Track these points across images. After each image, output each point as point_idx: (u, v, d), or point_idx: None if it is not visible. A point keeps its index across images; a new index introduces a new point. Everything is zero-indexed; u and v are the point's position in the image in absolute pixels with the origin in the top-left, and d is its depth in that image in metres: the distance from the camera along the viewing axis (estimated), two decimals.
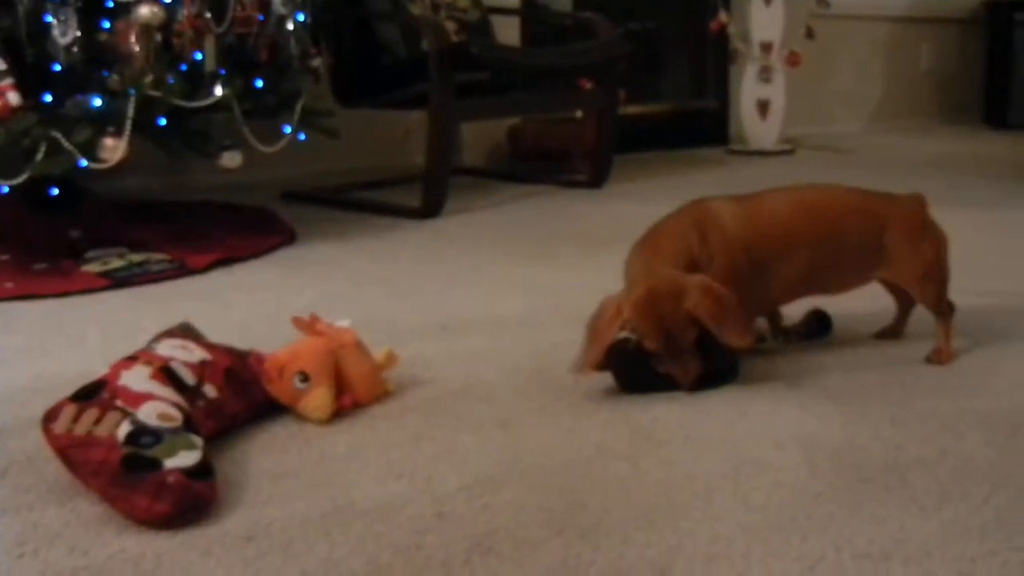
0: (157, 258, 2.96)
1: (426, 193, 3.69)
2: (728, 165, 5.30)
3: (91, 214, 3.31)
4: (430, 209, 3.69)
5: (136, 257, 2.97)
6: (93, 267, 2.87)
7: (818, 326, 2.20)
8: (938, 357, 2.06)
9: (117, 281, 2.77)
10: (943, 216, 2.10)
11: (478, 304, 2.56)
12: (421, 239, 3.39)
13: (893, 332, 2.22)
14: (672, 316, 1.82)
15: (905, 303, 2.19)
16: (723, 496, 1.51)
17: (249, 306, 2.58)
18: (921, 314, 2.15)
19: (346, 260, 3.09)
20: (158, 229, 3.30)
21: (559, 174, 4.65)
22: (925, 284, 2.06)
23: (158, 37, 2.75)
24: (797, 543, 1.37)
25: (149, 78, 2.71)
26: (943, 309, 2.07)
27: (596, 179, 4.38)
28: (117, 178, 3.48)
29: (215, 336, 1.95)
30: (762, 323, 2.15)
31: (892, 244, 2.02)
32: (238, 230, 3.39)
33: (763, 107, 5.63)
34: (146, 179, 4.17)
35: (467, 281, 2.81)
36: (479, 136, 5.10)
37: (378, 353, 1.93)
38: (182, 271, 2.89)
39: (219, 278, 2.88)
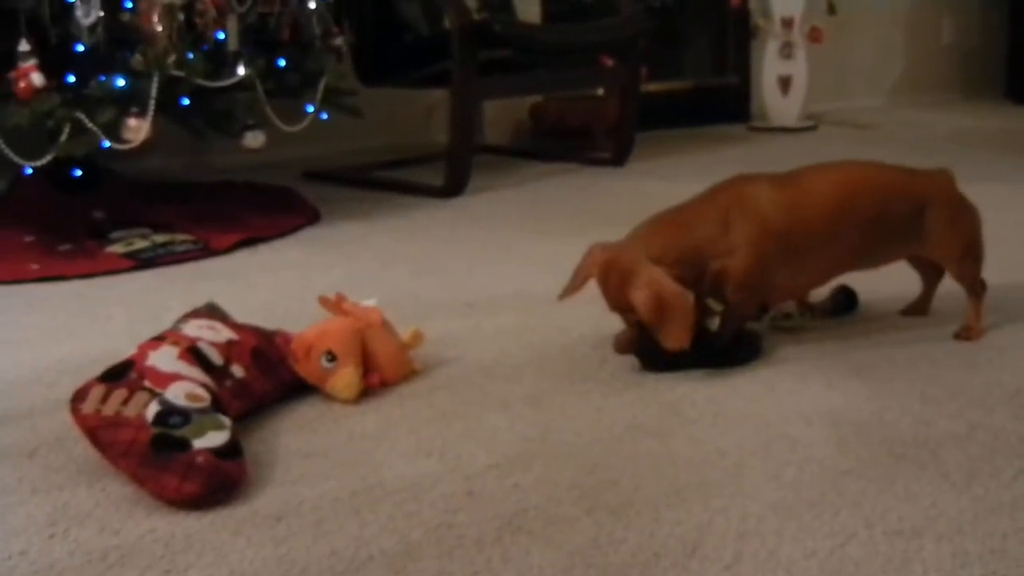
0: (181, 239, 2.97)
1: (449, 172, 3.68)
2: (750, 142, 5.27)
3: (115, 195, 3.32)
4: (454, 188, 3.69)
5: (160, 238, 2.97)
6: (117, 248, 2.88)
7: (845, 302, 2.18)
8: (967, 334, 2.05)
9: (142, 262, 2.78)
10: (968, 192, 2.08)
11: (505, 282, 2.56)
12: (446, 217, 3.39)
13: (919, 308, 2.20)
14: (615, 295, 1.84)
15: (931, 279, 2.17)
16: (753, 473, 1.50)
17: (274, 286, 2.59)
18: (944, 291, 2.14)
19: (371, 239, 3.09)
20: (181, 210, 3.30)
21: (582, 152, 4.63)
22: (963, 261, 2.05)
23: (181, 17, 2.75)
24: (829, 519, 1.36)
25: (172, 58, 2.71)
26: (977, 287, 2.06)
27: (619, 156, 4.36)
28: (140, 159, 3.49)
29: (241, 316, 1.95)
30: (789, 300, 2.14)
31: (931, 221, 2.00)
32: (261, 210, 3.39)
33: (785, 83, 5.59)
34: (169, 159, 4.18)
35: (493, 259, 2.81)
36: (501, 114, 5.08)
37: (405, 332, 1.92)
38: (206, 252, 2.90)
39: (244, 258, 2.88)
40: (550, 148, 4.82)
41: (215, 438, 1.51)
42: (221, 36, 2.87)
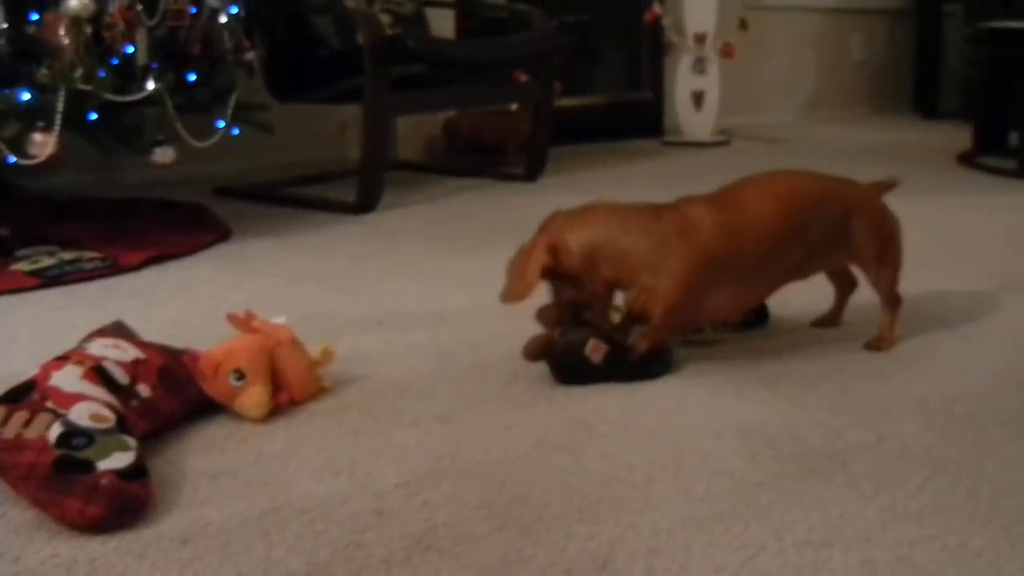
0: (89, 256, 2.91)
1: (362, 188, 3.66)
2: (664, 156, 5.32)
3: (21, 211, 3.26)
4: (366, 204, 3.66)
5: (67, 255, 2.91)
6: (22, 266, 2.82)
7: (755, 317, 2.20)
8: (879, 344, 2.08)
9: (47, 280, 2.72)
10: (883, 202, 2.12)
11: (415, 299, 2.54)
12: (357, 234, 3.37)
13: (831, 320, 2.23)
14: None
15: (844, 290, 2.21)
16: (663, 487, 1.51)
17: (184, 304, 2.55)
18: (855, 303, 2.18)
19: (281, 256, 3.06)
20: (90, 227, 3.25)
21: (495, 167, 4.64)
22: (882, 268, 2.08)
23: (88, 30, 2.70)
24: (739, 532, 1.37)
25: (79, 72, 2.66)
26: (892, 297, 2.09)
27: (531, 172, 4.37)
28: (48, 174, 3.42)
29: (149, 335, 1.92)
30: None
31: (855, 228, 2.02)
32: (171, 227, 3.34)
33: (698, 98, 5.65)
34: (77, 175, 4.10)
35: (404, 276, 2.79)
36: (415, 130, 5.07)
37: (314, 349, 1.91)
38: (115, 269, 2.85)
39: (153, 276, 2.84)
40: (463, 164, 4.81)
41: (120, 459, 1.48)
42: (130, 50, 2.83)
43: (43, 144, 2.64)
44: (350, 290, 2.65)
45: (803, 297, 2.24)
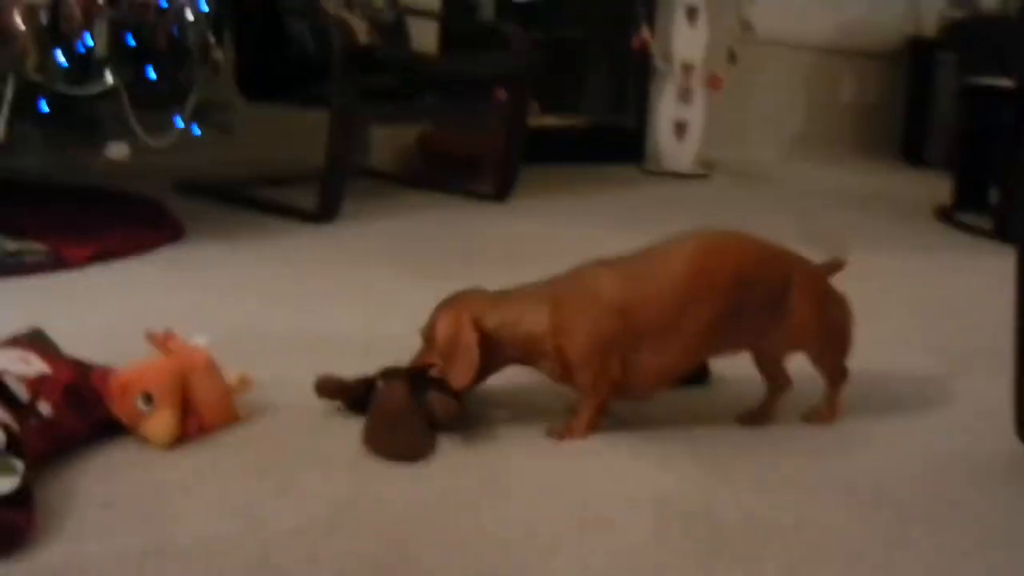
0: (33, 248, 2.84)
1: (322, 198, 3.60)
2: (639, 186, 5.26)
3: None
4: (325, 214, 3.60)
5: (11, 246, 2.84)
6: None
7: (697, 374, 2.13)
8: (817, 417, 2.00)
9: None
10: (855, 257, 2.02)
11: (355, 324, 2.49)
12: (312, 246, 3.31)
13: (759, 417, 2.02)
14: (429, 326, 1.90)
15: (775, 388, 2.02)
16: (564, 558, 1.45)
17: (120, 309, 2.49)
18: (802, 367, 2.08)
19: (230, 264, 3.00)
20: (40, 215, 3.19)
21: (467, 181, 4.58)
22: (825, 349, 1.95)
23: (44, 18, 2.63)
24: None
25: (32, 61, 2.59)
26: (836, 375, 1.99)
27: (501, 191, 4.32)
28: (3, 155, 3.34)
29: (78, 341, 1.86)
30: None
31: (795, 304, 1.87)
32: (123, 223, 3.28)
33: (680, 128, 5.60)
34: (32, 158, 4.00)
35: (349, 298, 2.73)
36: (389, 137, 5.01)
37: (233, 375, 1.85)
38: (57, 264, 2.78)
39: (95, 275, 2.77)
40: (434, 177, 4.76)
41: (2, 484, 1.42)
42: (89, 41, 2.76)
43: None
44: (290, 308, 2.59)
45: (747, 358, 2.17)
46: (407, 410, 1.80)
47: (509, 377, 1.94)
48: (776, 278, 1.88)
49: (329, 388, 1.92)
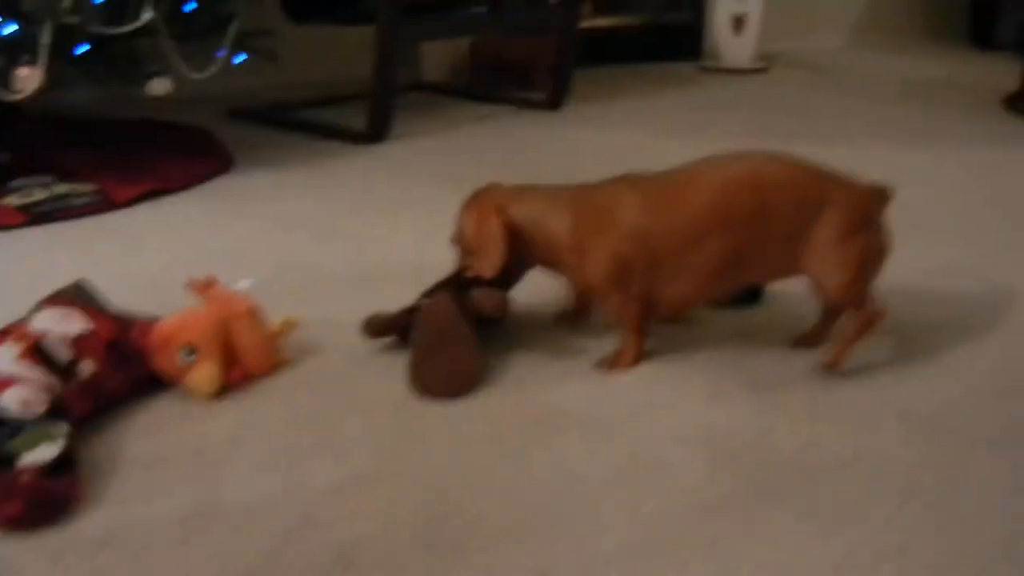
0: (81, 190, 2.84)
1: (371, 118, 3.56)
2: (697, 84, 5.14)
3: (23, 135, 3.20)
4: (375, 134, 3.57)
5: (60, 189, 2.84)
6: (13, 199, 2.75)
7: (749, 293, 2.09)
8: (829, 362, 1.83)
9: (34, 217, 2.67)
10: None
11: (407, 251, 2.45)
12: (362, 168, 3.28)
13: (813, 339, 1.92)
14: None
15: (832, 310, 1.92)
16: (611, 504, 1.42)
17: (168, 249, 2.48)
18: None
19: (280, 194, 2.98)
20: (90, 154, 3.18)
21: (520, 90, 4.52)
22: (840, 268, 1.75)
23: None
24: (677, 567, 1.29)
25: (67, 2, 2.56)
26: (861, 304, 1.79)
27: (555, 100, 4.24)
28: (57, 92, 3.33)
29: (121, 288, 1.87)
30: None
31: (821, 227, 1.72)
32: (173, 155, 3.27)
33: (739, 22, 5.46)
34: (91, 90, 4.00)
35: (401, 221, 2.70)
36: (440, 48, 4.95)
37: (276, 319, 1.83)
38: (105, 205, 2.78)
39: (142, 214, 2.77)
40: (488, 85, 4.69)
41: (45, 451, 1.42)
42: None
43: (29, 79, 2.56)
44: (340, 238, 2.57)
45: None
46: (454, 320, 1.77)
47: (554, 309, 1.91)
48: (806, 208, 1.73)
49: (376, 327, 1.90)
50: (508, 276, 1.88)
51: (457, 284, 1.86)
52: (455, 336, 1.76)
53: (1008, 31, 6.38)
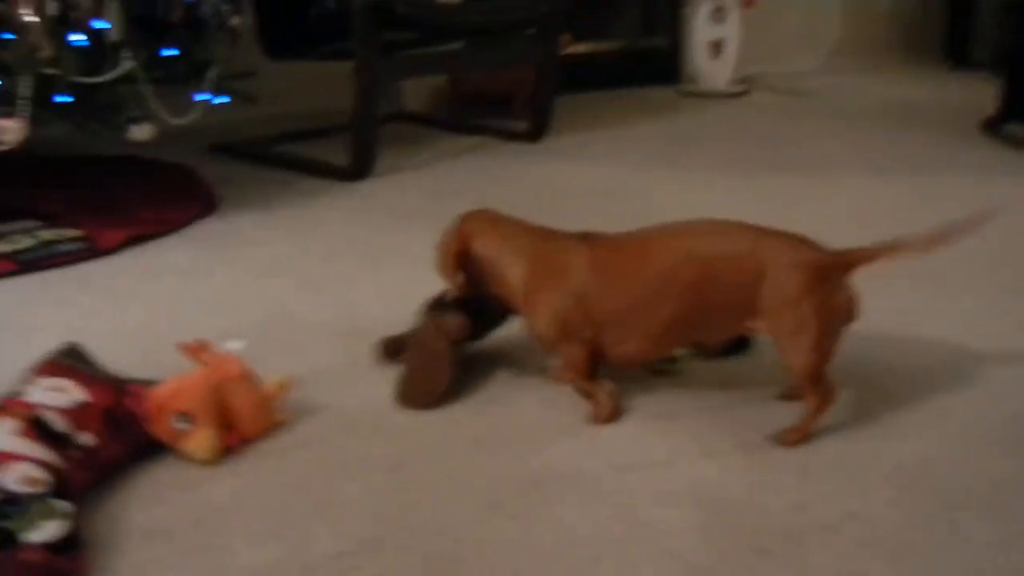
0: (68, 235, 2.84)
1: (353, 156, 3.58)
2: (677, 109, 5.17)
3: (2, 178, 3.19)
4: (358, 171, 3.58)
5: (47, 235, 2.84)
6: (1, 246, 2.75)
7: (736, 342, 2.09)
8: (786, 436, 1.78)
9: (22, 265, 2.66)
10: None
11: (391, 298, 2.45)
12: (346, 208, 3.29)
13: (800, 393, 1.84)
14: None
15: None
16: (609, 566, 1.44)
17: (152, 298, 2.49)
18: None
19: (265, 236, 2.99)
20: (71, 194, 3.20)
21: (503, 118, 4.55)
22: (796, 342, 1.74)
23: (54, 8, 2.59)
24: None
25: (45, 54, 2.55)
26: (815, 380, 1.76)
27: (536, 132, 4.26)
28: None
29: (111, 340, 1.90)
30: None
31: (768, 290, 1.73)
32: (156, 196, 3.27)
33: (716, 47, 5.50)
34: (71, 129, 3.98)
35: (385, 265, 2.72)
36: (420, 80, 4.96)
37: (271, 380, 1.84)
38: (91, 253, 2.78)
39: (128, 261, 2.78)
40: (468, 118, 4.71)
41: (49, 530, 1.42)
42: (102, 26, 2.71)
43: (12, 131, 2.56)
44: (323, 286, 2.58)
45: None
46: (433, 339, 1.92)
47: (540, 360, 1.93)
48: (745, 276, 1.74)
49: (390, 350, 2.04)
50: (482, 304, 1.96)
51: (439, 302, 1.97)
52: (430, 354, 1.90)
53: (983, 51, 6.42)
